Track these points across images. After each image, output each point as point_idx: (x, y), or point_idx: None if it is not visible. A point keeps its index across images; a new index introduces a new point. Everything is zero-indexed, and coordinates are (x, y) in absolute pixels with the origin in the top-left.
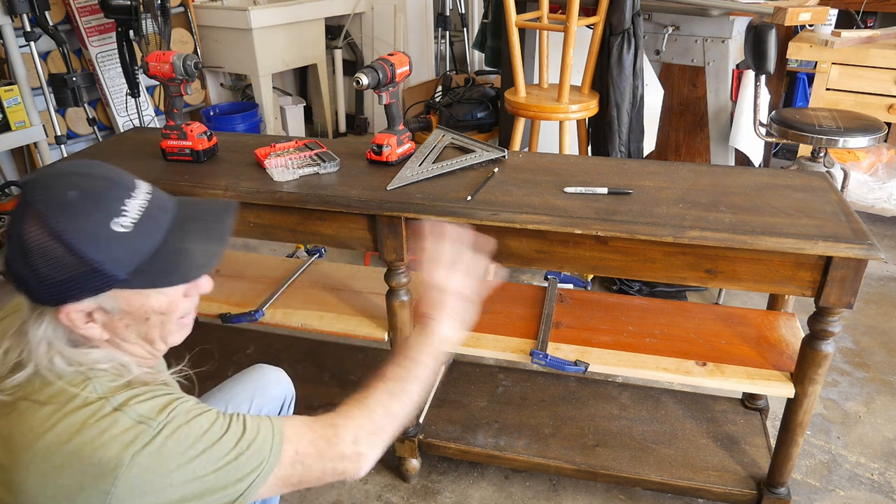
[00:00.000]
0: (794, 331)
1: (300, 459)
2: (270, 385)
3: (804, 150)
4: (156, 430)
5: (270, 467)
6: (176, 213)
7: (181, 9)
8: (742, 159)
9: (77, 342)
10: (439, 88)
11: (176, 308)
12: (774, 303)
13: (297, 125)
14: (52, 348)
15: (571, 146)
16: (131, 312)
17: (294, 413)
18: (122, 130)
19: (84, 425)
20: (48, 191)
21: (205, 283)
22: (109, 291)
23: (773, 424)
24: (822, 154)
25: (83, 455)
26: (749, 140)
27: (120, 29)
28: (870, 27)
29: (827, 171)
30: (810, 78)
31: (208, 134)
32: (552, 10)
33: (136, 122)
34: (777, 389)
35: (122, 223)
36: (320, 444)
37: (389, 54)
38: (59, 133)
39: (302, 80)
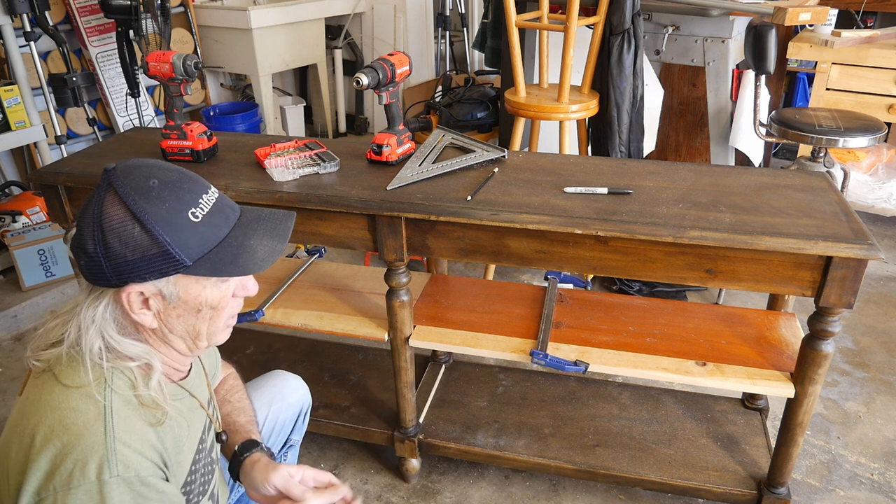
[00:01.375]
0: (794, 331)
1: None
2: (289, 392)
3: (804, 150)
4: (71, 484)
5: None
6: (241, 214)
7: (181, 9)
8: (742, 159)
9: (124, 330)
10: (439, 88)
11: (226, 305)
12: (774, 303)
13: (297, 125)
14: (99, 331)
15: (571, 146)
16: (187, 301)
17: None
18: (122, 130)
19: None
20: (131, 178)
21: (252, 286)
22: (173, 276)
23: (773, 424)
24: (822, 154)
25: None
26: (749, 140)
27: (120, 29)
28: (870, 27)
29: (827, 171)
30: (810, 78)
31: (208, 134)
32: (552, 10)
33: (136, 122)
34: (777, 389)
35: (195, 213)
36: None
37: (389, 54)
38: (59, 133)
39: (302, 80)
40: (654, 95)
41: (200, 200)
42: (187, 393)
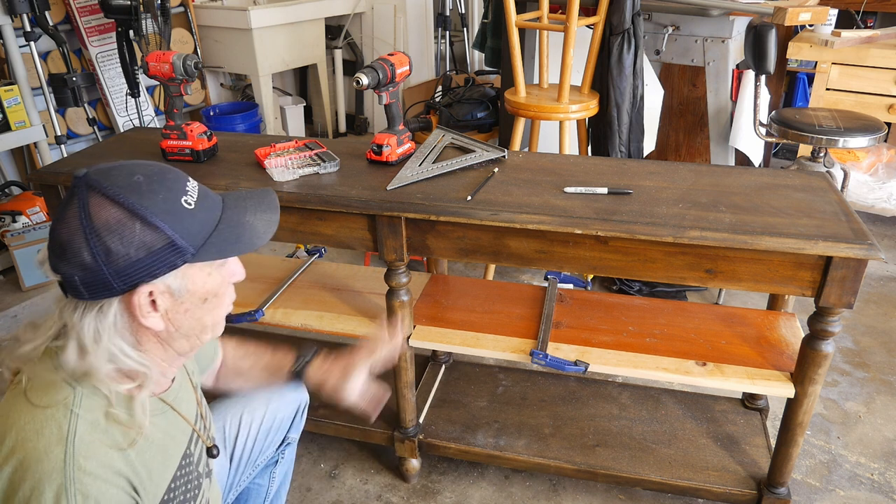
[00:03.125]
0: (794, 331)
1: None
2: (287, 390)
3: (804, 150)
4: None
5: None
6: (224, 197)
7: (181, 9)
8: (742, 159)
9: (131, 342)
10: (439, 88)
11: (226, 290)
12: (774, 303)
13: (297, 125)
14: (107, 351)
15: (571, 146)
16: (194, 292)
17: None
18: (122, 130)
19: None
20: (112, 178)
21: (240, 270)
22: (182, 268)
23: (773, 424)
24: (822, 154)
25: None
26: (749, 140)
27: (120, 29)
28: (870, 27)
29: (827, 171)
30: (810, 78)
31: (208, 134)
32: (552, 10)
33: (136, 122)
34: (777, 389)
35: (188, 201)
36: None
37: (389, 54)
38: (59, 133)
39: (302, 80)
40: (654, 95)
41: (187, 187)
42: (169, 407)
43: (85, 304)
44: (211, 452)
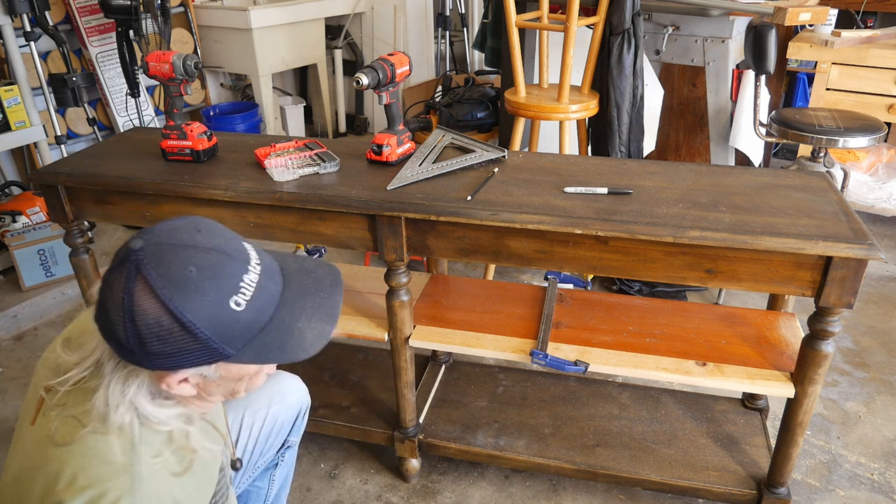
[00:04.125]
0: (794, 331)
1: None
2: (288, 392)
3: (804, 150)
4: None
5: None
6: (285, 288)
7: (181, 9)
8: (742, 159)
9: (158, 398)
10: (439, 88)
11: (262, 370)
12: (774, 303)
13: (297, 125)
14: (131, 405)
15: (571, 146)
16: (229, 378)
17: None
18: (122, 130)
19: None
20: (163, 265)
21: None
22: (215, 364)
23: (773, 424)
24: (822, 154)
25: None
26: (749, 140)
27: (120, 29)
28: (870, 27)
29: (827, 171)
30: (810, 78)
31: (208, 134)
32: (552, 10)
33: (136, 122)
34: (777, 389)
35: (238, 301)
36: None
37: (389, 54)
38: (59, 133)
39: (302, 80)
40: (654, 95)
41: (242, 284)
42: (210, 425)
43: (118, 360)
44: (234, 465)
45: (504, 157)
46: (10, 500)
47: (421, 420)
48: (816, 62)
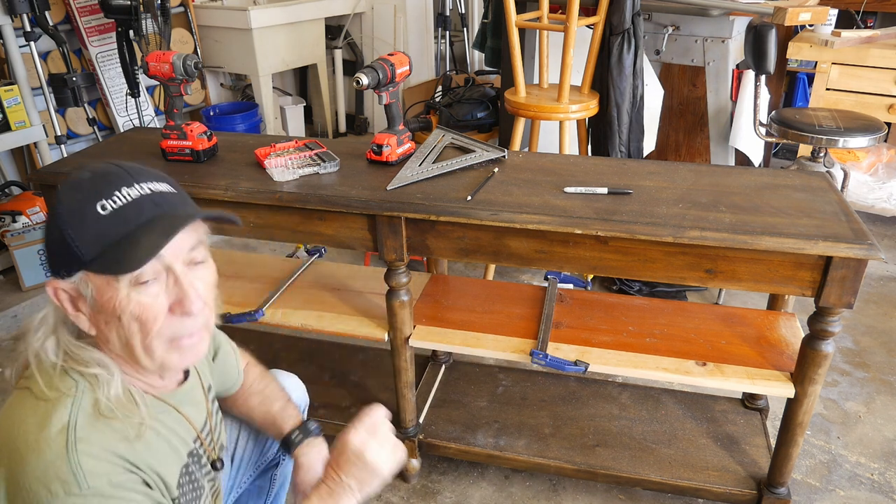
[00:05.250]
0: (794, 331)
1: None
2: (287, 392)
3: (804, 150)
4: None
5: None
6: (165, 212)
7: (181, 9)
8: (742, 159)
9: (78, 335)
10: (439, 88)
11: (153, 318)
12: (774, 303)
13: (297, 125)
14: (52, 330)
15: (571, 146)
16: (103, 304)
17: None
18: (122, 130)
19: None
20: (78, 170)
21: (189, 305)
22: (80, 273)
23: (773, 424)
24: (822, 154)
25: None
26: (749, 140)
27: (120, 29)
28: (870, 27)
29: (827, 171)
30: (810, 78)
31: (208, 134)
32: (552, 10)
33: (136, 122)
34: (777, 389)
35: (104, 206)
36: None
37: (389, 54)
38: (59, 133)
39: (302, 80)
40: (654, 95)
41: (117, 193)
42: (172, 408)
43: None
44: (215, 465)
45: (504, 157)
46: None
47: (421, 420)
48: (816, 62)
